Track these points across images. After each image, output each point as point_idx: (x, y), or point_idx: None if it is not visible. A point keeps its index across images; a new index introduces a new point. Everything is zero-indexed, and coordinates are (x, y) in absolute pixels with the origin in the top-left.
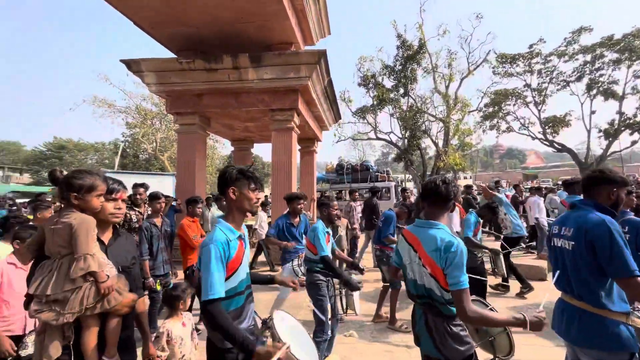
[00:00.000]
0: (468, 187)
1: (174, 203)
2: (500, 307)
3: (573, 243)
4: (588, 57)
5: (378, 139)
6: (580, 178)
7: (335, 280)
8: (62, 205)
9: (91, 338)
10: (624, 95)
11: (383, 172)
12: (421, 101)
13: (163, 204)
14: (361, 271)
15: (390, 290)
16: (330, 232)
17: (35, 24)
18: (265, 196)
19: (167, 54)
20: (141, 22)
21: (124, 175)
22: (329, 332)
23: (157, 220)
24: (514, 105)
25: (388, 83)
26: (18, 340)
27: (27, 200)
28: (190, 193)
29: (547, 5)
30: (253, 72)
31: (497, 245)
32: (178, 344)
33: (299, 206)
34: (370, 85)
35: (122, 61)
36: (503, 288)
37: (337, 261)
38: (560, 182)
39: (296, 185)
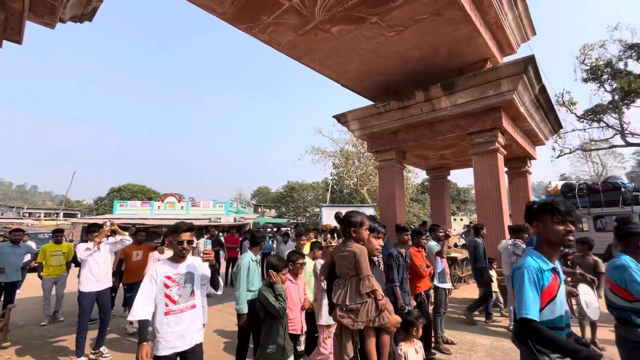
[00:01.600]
0: None
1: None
2: None
3: None
4: None
5: (628, 144)
6: None
7: None
8: (344, 238)
9: (371, 346)
10: None
11: None
12: None
13: (409, 236)
14: None
15: None
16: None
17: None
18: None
19: (364, 102)
20: (346, 82)
21: (333, 208)
22: None
23: (402, 251)
24: None
25: (636, 67)
26: (296, 337)
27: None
28: (391, 223)
29: None
30: (445, 99)
31: None
32: None
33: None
34: (606, 76)
35: (334, 117)
36: None
37: None
38: None
39: (508, 212)
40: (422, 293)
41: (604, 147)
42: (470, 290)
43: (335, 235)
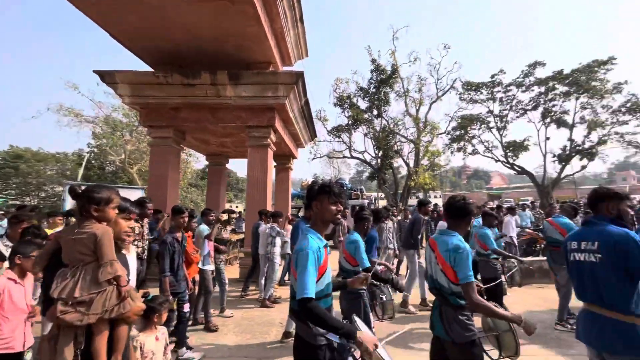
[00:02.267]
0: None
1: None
2: None
3: (600, 255)
4: (542, 89)
5: (352, 157)
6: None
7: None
8: (80, 217)
9: (102, 342)
10: (574, 124)
11: (357, 190)
12: (393, 123)
13: (186, 219)
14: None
15: None
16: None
17: None
18: (240, 212)
19: (143, 66)
20: (119, 35)
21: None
22: None
23: (179, 235)
24: (479, 129)
25: (362, 104)
26: (18, 357)
27: None
28: (162, 207)
29: (508, 39)
30: (231, 89)
31: None
32: (149, 358)
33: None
34: (346, 105)
35: (96, 72)
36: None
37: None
38: (520, 203)
39: (271, 201)
40: (193, 278)
41: (339, 156)
42: (233, 271)
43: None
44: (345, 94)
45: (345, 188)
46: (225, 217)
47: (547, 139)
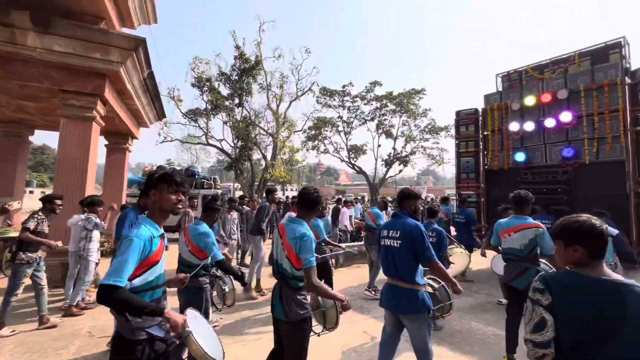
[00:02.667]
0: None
1: None
2: None
3: (400, 241)
4: (378, 104)
5: (209, 144)
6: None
7: None
8: None
9: None
10: (397, 136)
11: (210, 179)
12: (255, 114)
13: None
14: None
15: None
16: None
17: None
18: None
19: None
20: None
21: None
22: None
23: None
24: (330, 132)
25: (224, 90)
26: None
27: None
28: None
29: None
30: (36, 37)
31: None
32: None
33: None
34: (205, 88)
35: None
36: None
37: None
38: (360, 197)
39: (93, 185)
40: None
41: (194, 142)
42: None
43: None
44: (205, 76)
45: (196, 176)
46: (13, 207)
47: (379, 146)
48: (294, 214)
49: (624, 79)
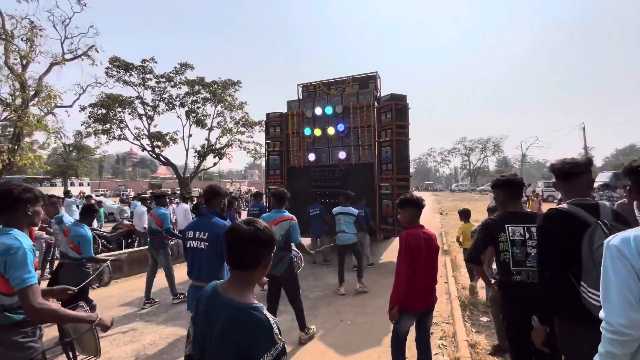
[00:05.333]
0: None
1: None
2: None
3: (207, 243)
4: (189, 89)
5: None
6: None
7: None
8: None
9: None
10: (212, 127)
11: None
12: None
13: None
14: None
15: None
16: None
17: None
18: None
19: None
20: None
21: None
22: None
23: None
24: (130, 114)
25: None
26: None
27: None
28: None
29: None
30: None
31: None
32: None
33: None
34: None
35: None
36: None
37: None
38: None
39: None
40: None
41: None
42: None
43: None
44: None
45: None
46: None
47: (190, 135)
48: None
49: (374, 103)
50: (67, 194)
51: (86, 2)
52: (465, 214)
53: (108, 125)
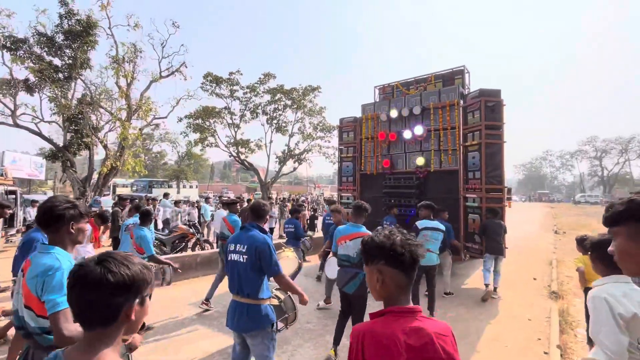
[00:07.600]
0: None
1: None
2: None
3: (246, 256)
4: (270, 97)
5: (18, 126)
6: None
7: None
8: None
9: None
10: (292, 133)
11: None
12: (97, 92)
13: None
14: None
15: None
16: None
17: None
18: None
19: None
20: None
21: None
22: None
23: None
24: (222, 123)
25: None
26: None
27: None
28: None
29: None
30: None
31: None
32: None
33: None
34: (22, 53)
35: None
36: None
37: None
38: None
39: None
40: None
41: None
42: None
43: None
44: (15, 34)
45: None
46: None
47: (271, 142)
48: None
49: (459, 102)
50: (165, 195)
51: (179, 24)
52: (584, 244)
53: (205, 135)
